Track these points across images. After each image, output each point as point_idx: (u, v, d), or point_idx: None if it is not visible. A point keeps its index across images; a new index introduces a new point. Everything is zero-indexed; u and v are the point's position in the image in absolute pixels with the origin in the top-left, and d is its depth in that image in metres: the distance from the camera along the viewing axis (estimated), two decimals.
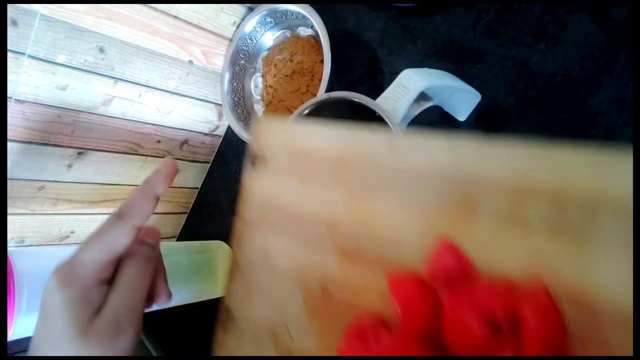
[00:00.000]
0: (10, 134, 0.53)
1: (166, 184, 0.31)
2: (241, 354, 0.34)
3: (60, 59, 0.52)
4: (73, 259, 0.28)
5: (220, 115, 0.73)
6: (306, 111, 0.41)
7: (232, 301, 0.36)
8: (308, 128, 0.32)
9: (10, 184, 0.57)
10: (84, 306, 0.27)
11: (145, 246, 0.32)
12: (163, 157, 0.71)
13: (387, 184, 0.28)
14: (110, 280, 0.29)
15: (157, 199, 0.31)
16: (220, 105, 0.71)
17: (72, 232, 0.67)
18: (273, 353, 0.32)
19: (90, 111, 0.58)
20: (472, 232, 0.24)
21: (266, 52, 0.66)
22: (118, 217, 0.29)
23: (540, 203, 0.22)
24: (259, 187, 0.34)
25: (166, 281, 0.34)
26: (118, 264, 0.30)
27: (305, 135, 0.32)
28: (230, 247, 0.68)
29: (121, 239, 0.29)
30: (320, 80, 0.55)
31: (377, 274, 0.28)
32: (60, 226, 0.66)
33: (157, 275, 0.33)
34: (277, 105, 0.64)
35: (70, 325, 0.26)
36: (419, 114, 0.43)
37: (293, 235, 0.32)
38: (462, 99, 0.46)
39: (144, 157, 0.68)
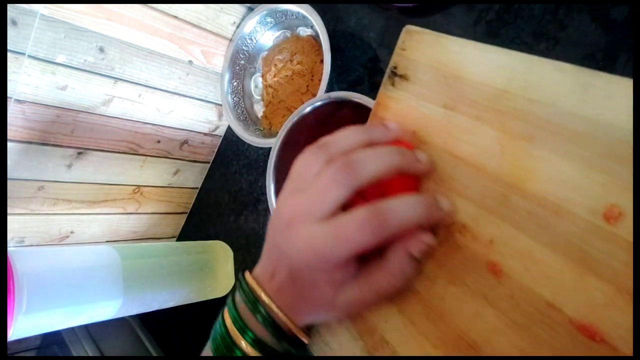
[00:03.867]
0: (10, 134, 0.53)
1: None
2: None
3: (60, 58, 0.52)
4: (323, 253, 0.27)
5: (220, 115, 0.73)
6: (305, 111, 0.41)
7: None
8: (469, 48, 0.26)
9: (10, 184, 0.57)
10: (333, 284, 0.28)
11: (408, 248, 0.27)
12: (163, 157, 0.71)
13: (561, 134, 0.22)
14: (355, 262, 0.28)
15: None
16: (220, 105, 0.71)
17: (71, 232, 0.67)
18: None
19: (90, 111, 0.58)
20: None
21: (266, 52, 0.66)
22: (374, 223, 0.25)
23: None
24: (393, 104, 0.30)
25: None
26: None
27: (464, 56, 0.26)
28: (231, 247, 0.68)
29: (369, 245, 0.26)
30: (320, 80, 0.55)
31: (519, 235, 0.23)
32: (60, 226, 0.66)
33: None
34: (277, 105, 0.64)
35: (323, 294, 0.28)
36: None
37: None
38: None
39: (143, 157, 0.68)
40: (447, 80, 0.27)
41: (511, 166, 0.24)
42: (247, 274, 0.32)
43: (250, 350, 0.29)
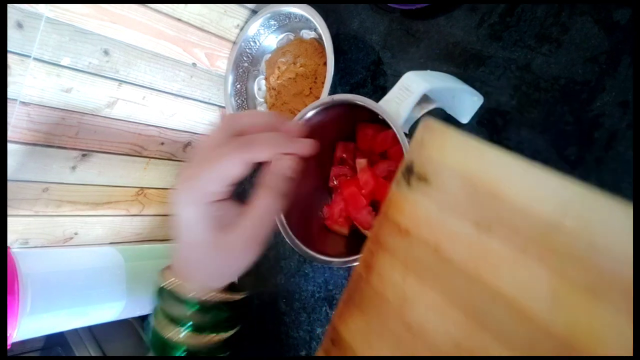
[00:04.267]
0: (15, 136, 0.53)
1: (296, 153, 0.32)
2: None
3: (65, 61, 0.53)
4: (191, 183, 0.29)
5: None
6: (308, 114, 0.41)
7: (345, 329, 0.28)
8: (508, 162, 0.21)
9: (14, 186, 0.57)
10: (212, 221, 0.30)
11: (283, 167, 0.31)
12: (167, 159, 0.71)
13: (624, 289, 0.17)
14: (231, 193, 0.31)
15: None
16: (224, 107, 0.71)
17: (75, 234, 0.68)
18: None
19: (94, 113, 0.59)
20: None
21: (269, 55, 0.66)
22: (238, 147, 0.29)
23: None
24: (409, 208, 0.25)
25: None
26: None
27: (501, 169, 0.21)
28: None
29: (235, 171, 0.29)
30: (323, 82, 0.55)
31: None
32: (65, 228, 0.66)
33: None
34: (280, 107, 0.64)
35: (205, 235, 0.30)
36: (422, 117, 0.43)
37: (452, 296, 0.23)
38: (465, 102, 0.46)
39: (147, 159, 0.68)
40: (479, 194, 0.22)
41: (569, 320, 0.19)
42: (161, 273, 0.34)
43: (187, 337, 0.31)
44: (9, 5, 0.45)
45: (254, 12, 0.65)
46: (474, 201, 0.22)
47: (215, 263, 0.31)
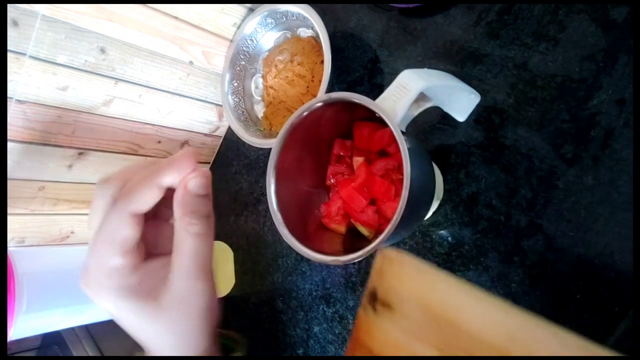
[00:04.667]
0: (11, 134, 0.53)
1: (177, 178, 0.26)
2: None
3: (61, 59, 0.52)
4: (88, 271, 0.26)
5: (220, 116, 0.73)
6: (306, 112, 0.41)
7: None
8: (457, 292, 0.24)
9: (10, 184, 0.57)
10: (136, 295, 0.26)
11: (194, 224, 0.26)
12: (163, 158, 0.71)
13: None
14: (147, 249, 0.27)
15: (164, 190, 0.26)
16: (221, 105, 0.71)
17: (72, 233, 0.67)
18: None
19: (90, 111, 0.58)
20: None
21: (266, 53, 0.66)
22: (116, 203, 0.25)
23: None
24: (378, 334, 0.26)
25: None
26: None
27: (454, 299, 0.24)
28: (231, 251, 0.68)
29: (124, 231, 0.25)
30: (320, 81, 0.55)
31: None
32: (61, 226, 0.66)
33: None
34: (278, 106, 0.64)
35: (141, 310, 0.26)
36: (419, 115, 0.43)
37: None
38: (462, 100, 0.46)
39: (144, 158, 0.68)
40: (437, 321, 0.24)
41: None
42: None
43: None
44: None
45: (251, 10, 0.65)
46: (434, 328, 0.24)
47: (173, 330, 0.27)
